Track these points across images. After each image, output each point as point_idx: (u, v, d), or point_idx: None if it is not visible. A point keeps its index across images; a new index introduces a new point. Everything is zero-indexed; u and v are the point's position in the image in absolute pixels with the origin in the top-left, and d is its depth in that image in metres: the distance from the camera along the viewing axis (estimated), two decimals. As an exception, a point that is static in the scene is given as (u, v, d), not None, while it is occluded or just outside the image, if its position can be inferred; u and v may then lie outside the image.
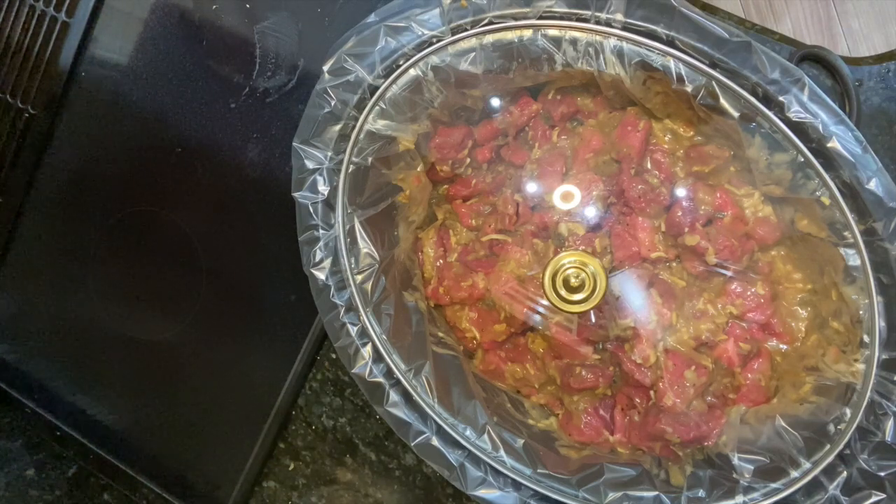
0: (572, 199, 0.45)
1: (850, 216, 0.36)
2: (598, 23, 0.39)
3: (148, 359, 0.60)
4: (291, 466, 0.58)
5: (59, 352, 0.63)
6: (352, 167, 0.44)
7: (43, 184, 0.61)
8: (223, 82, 0.55)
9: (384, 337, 0.44)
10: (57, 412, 0.63)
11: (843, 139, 0.36)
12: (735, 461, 0.40)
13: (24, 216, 0.62)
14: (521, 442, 0.43)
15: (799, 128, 0.37)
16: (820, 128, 0.36)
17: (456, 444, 0.43)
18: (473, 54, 0.42)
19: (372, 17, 0.42)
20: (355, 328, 0.44)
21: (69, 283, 0.62)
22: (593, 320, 0.44)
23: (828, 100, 0.36)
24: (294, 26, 0.53)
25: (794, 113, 0.36)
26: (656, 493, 0.41)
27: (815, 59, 0.43)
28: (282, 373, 0.56)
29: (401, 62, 0.42)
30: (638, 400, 0.45)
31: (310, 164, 0.44)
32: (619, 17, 0.39)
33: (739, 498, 0.39)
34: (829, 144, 0.36)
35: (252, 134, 0.55)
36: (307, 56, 0.53)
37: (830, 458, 0.38)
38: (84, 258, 0.61)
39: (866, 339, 0.37)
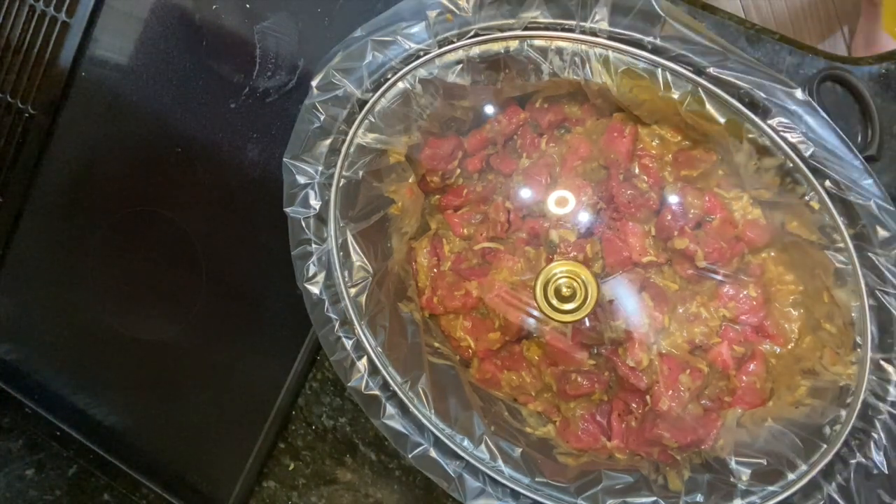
0: (562, 206, 0.45)
1: (839, 220, 0.37)
2: (583, 32, 0.39)
3: (148, 359, 0.60)
4: (291, 466, 0.58)
5: (59, 351, 0.63)
6: (343, 181, 0.44)
7: (43, 184, 0.61)
8: (223, 82, 0.55)
9: (379, 349, 0.44)
10: (57, 412, 0.63)
11: (830, 142, 0.36)
12: (732, 465, 0.40)
13: (24, 216, 0.63)
14: (518, 451, 0.43)
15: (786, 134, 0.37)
16: (806, 132, 0.36)
17: (454, 455, 0.43)
18: (461, 66, 0.42)
19: (358, 32, 0.42)
20: (350, 342, 0.44)
21: (69, 283, 0.62)
22: (587, 324, 0.44)
23: (815, 106, 0.37)
24: (294, 26, 0.53)
25: (779, 122, 0.36)
26: (655, 498, 0.41)
27: (836, 80, 0.43)
28: (282, 373, 0.56)
29: (388, 76, 0.42)
30: (634, 405, 0.45)
31: (301, 179, 0.44)
32: (604, 25, 0.39)
33: (737, 501, 0.39)
34: (816, 148, 0.36)
35: (252, 134, 0.55)
36: (307, 56, 0.54)
37: (827, 460, 0.38)
38: (84, 258, 0.61)
39: (859, 340, 0.37)
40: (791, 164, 0.37)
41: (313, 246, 0.44)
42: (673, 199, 0.43)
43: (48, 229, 0.62)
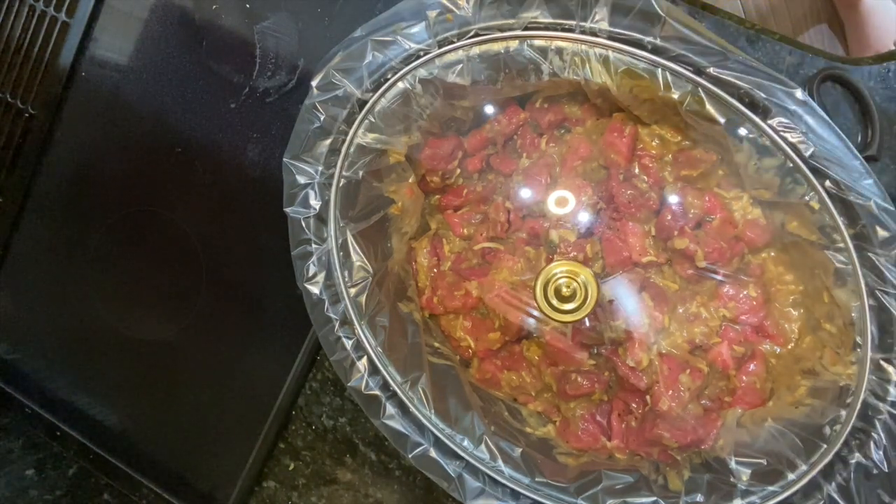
0: (562, 206, 0.45)
1: (839, 220, 0.37)
2: (583, 32, 0.39)
3: (148, 359, 0.61)
4: (291, 466, 0.58)
5: (59, 352, 0.63)
6: (343, 181, 0.44)
7: (43, 184, 0.62)
8: (223, 82, 0.56)
9: (379, 349, 0.44)
10: (57, 412, 0.63)
11: (830, 142, 0.36)
12: (732, 465, 0.40)
13: (24, 216, 0.63)
14: (518, 451, 0.43)
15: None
16: (806, 132, 0.36)
17: (454, 455, 0.43)
18: (461, 66, 0.42)
19: (358, 32, 0.42)
20: (350, 342, 0.44)
21: (69, 283, 0.62)
22: (587, 324, 0.44)
23: (815, 106, 0.36)
24: (294, 26, 0.54)
25: (779, 122, 0.36)
26: (655, 498, 0.41)
27: (836, 80, 0.43)
28: (282, 373, 0.56)
29: (388, 76, 0.42)
30: (634, 405, 0.45)
31: (301, 179, 0.44)
32: (604, 25, 0.39)
33: (738, 501, 0.39)
34: (816, 148, 0.36)
35: (252, 134, 0.55)
36: (307, 56, 0.54)
37: (827, 460, 0.38)
38: (84, 258, 0.62)
39: (859, 340, 0.37)
40: (791, 164, 0.37)
41: (313, 246, 0.44)
42: (673, 199, 0.43)
43: (48, 229, 0.62)
